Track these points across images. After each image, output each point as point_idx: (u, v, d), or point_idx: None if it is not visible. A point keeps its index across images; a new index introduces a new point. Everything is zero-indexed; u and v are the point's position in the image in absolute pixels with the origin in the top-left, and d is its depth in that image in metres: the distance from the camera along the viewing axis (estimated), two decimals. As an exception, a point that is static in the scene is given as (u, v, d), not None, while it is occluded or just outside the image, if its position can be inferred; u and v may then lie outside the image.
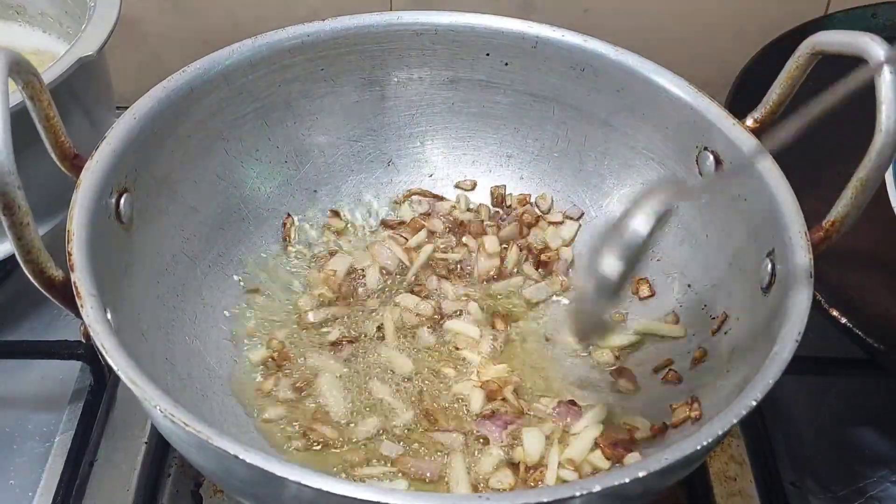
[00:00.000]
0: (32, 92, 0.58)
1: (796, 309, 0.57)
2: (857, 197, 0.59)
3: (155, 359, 0.64)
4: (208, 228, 0.74)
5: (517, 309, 0.77)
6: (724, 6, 1.01)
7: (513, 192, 0.83)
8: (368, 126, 0.82)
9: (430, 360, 0.73)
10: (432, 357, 0.73)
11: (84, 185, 0.60)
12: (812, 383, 0.81)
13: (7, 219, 0.51)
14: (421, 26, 0.78)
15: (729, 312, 0.69)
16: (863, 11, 0.88)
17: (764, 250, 0.64)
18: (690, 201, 0.68)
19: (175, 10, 1.01)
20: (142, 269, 0.66)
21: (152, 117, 0.67)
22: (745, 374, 0.59)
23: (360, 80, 0.79)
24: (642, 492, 0.53)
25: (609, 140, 0.78)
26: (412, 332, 0.75)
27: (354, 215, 0.82)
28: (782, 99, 0.67)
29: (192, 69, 0.70)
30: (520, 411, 0.69)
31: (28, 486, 0.71)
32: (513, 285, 0.79)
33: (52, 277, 0.55)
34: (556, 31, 0.76)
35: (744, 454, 0.74)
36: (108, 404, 0.75)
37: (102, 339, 0.52)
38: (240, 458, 0.47)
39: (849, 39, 0.60)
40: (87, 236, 0.58)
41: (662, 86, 0.73)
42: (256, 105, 0.76)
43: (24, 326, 0.83)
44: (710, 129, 0.70)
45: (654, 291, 0.76)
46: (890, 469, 0.75)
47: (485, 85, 0.80)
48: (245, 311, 0.75)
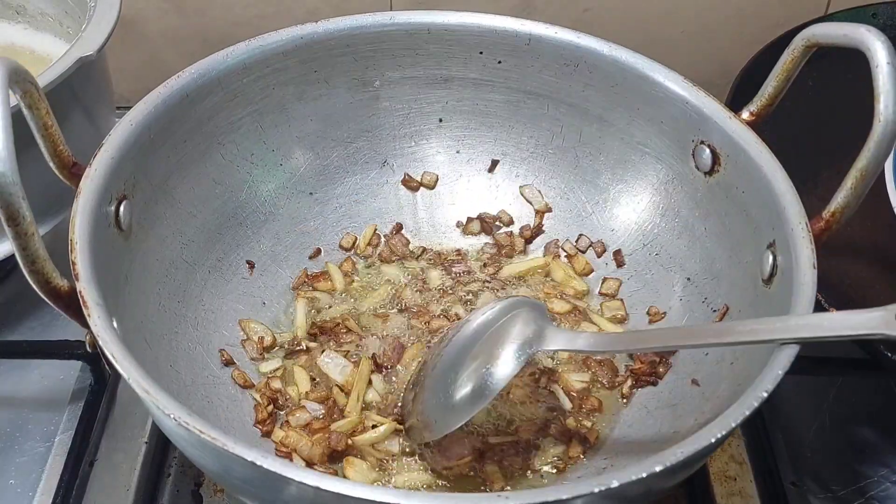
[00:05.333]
0: (31, 101, 0.58)
1: (801, 299, 0.57)
2: (857, 187, 0.60)
3: (159, 366, 0.64)
4: (206, 233, 0.74)
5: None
6: (724, 6, 1.02)
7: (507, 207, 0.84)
8: (363, 127, 0.82)
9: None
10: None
11: (84, 194, 0.60)
12: (812, 383, 0.82)
13: (11, 229, 0.51)
14: (413, 26, 0.77)
15: (730, 305, 0.69)
16: (863, 11, 0.88)
17: (764, 242, 0.65)
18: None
19: (175, 10, 1.01)
20: (142, 276, 0.66)
21: (149, 123, 0.66)
22: (749, 368, 0.59)
23: (353, 81, 0.79)
24: (644, 492, 0.53)
25: (604, 136, 0.79)
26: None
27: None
28: (778, 91, 0.68)
29: (187, 74, 0.70)
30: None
31: (28, 486, 0.71)
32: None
33: (57, 287, 0.54)
34: (550, 29, 0.76)
35: (744, 454, 0.74)
36: (108, 404, 0.75)
37: (112, 348, 0.51)
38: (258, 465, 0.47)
39: (844, 31, 0.60)
40: (89, 245, 0.57)
41: (657, 80, 0.73)
42: (251, 109, 0.75)
43: (24, 326, 0.83)
44: (706, 123, 0.70)
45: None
46: (890, 469, 0.76)
47: (478, 83, 0.80)
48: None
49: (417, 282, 0.80)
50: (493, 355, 0.63)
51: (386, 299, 0.79)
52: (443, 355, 0.67)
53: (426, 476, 0.67)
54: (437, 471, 0.67)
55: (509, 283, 0.80)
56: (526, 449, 0.68)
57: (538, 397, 0.71)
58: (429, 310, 0.78)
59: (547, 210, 0.83)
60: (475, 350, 0.65)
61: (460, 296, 0.79)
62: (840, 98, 0.76)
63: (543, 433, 0.69)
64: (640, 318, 0.77)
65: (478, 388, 0.63)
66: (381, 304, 0.78)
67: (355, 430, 0.68)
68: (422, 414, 0.66)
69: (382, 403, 0.71)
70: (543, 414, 0.71)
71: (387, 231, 0.83)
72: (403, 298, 0.79)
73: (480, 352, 0.65)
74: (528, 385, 0.72)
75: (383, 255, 0.82)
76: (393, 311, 0.78)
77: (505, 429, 0.69)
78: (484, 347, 0.65)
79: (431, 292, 0.79)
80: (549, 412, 0.71)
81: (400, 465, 0.67)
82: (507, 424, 0.70)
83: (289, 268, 0.79)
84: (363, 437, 0.67)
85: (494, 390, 0.62)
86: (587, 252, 0.81)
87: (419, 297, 0.79)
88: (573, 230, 0.82)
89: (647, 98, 0.74)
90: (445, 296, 0.79)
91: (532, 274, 0.81)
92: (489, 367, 0.63)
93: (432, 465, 0.67)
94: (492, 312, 0.67)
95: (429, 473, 0.67)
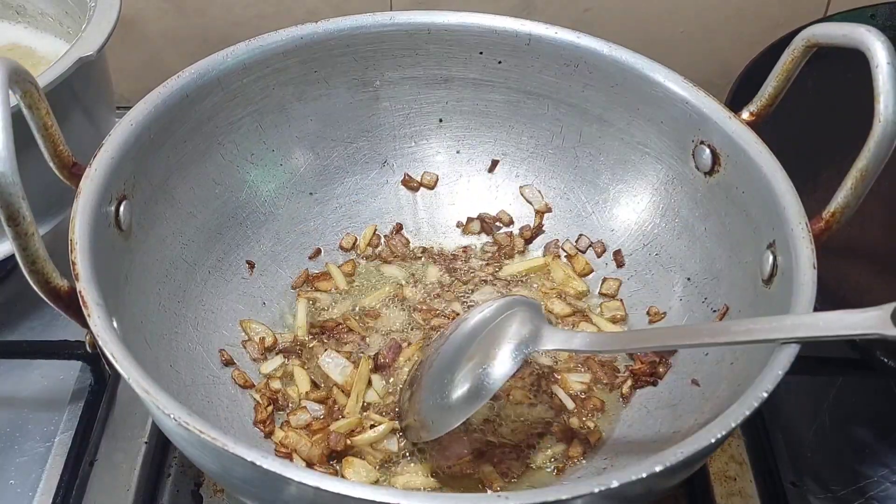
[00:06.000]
0: (31, 101, 0.58)
1: (801, 300, 0.57)
2: (857, 187, 0.60)
3: (160, 366, 0.64)
4: (206, 233, 0.74)
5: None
6: (724, 6, 1.02)
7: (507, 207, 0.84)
8: (363, 127, 0.82)
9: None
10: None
11: (84, 194, 0.60)
12: (812, 383, 0.81)
13: (11, 229, 0.51)
14: (413, 26, 0.78)
15: (730, 305, 0.69)
16: (862, 12, 0.88)
17: (764, 242, 0.65)
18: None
19: (175, 10, 1.01)
20: (142, 276, 0.66)
21: (148, 123, 0.66)
22: (749, 368, 0.59)
23: (353, 82, 0.79)
24: (644, 492, 0.53)
25: (604, 136, 0.79)
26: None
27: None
28: (778, 92, 0.68)
29: (187, 74, 0.70)
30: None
31: (28, 486, 0.71)
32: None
33: (57, 287, 0.54)
34: (550, 29, 0.76)
35: (744, 454, 0.74)
36: (108, 404, 0.75)
37: (112, 348, 0.52)
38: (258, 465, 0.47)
39: (844, 31, 0.61)
40: (89, 245, 0.57)
41: (657, 81, 0.73)
42: (251, 109, 0.75)
43: (24, 326, 0.83)
44: (706, 123, 0.70)
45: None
46: (890, 469, 0.75)
47: (478, 83, 0.80)
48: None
49: (418, 282, 0.80)
50: (490, 355, 0.63)
51: (387, 299, 0.79)
52: (439, 354, 0.68)
53: (426, 476, 0.67)
54: (437, 470, 0.67)
55: (509, 283, 0.80)
56: (526, 449, 0.68)
57: (538, 398, 0.71)
58: (430, 308, 0.77)
59: (547, 210, 0.83)
60: (471, 350, 0.65)
61: (460, 295, 0.79)
62: (840, 98, 0.76)
63: (545, 433, 0.69)
64: (639, 318, 0.77)
65: (474, 388, 0.63)
66: (381, 303, 0.78)
67: (354, 430, 0.68)
68: (419, 414, 0.66)
69: (382, 403, 0.71)
70: (545, 414, 0.71)
71: (387, 231, 0.83)
72: (404, 298, 0.79)
73: (477, 351, 0.65)
74: (529, 385, 0.72)
75: (383, 255, 0.82)
76: (394, 310, 0.78)
77: (505, 429, 0.69)
78: (480, 347, 0.65)
79: (431, 292, 0.79)
80: (551, 412, 0.71)
81: (400, 465, 0.67)
82: (507, 424, 0.70)
83: (289, 268, 0.79)
84: (362, 438, 0.67)
85: (491, 390, 0.62)
86: (587, 252, 0.81)
87: (420, 296, 0.79)
88: (573, 230, 0.82)
89: (647, 98, 0.74)
90: (445, 295, 0.79)
91: (532, 274, 0.81)
92: (485, 366, 0.63)
93: (432, 465, 0.67)
94: (488, 311, 0.67)
95: (428, 473, 0.67)
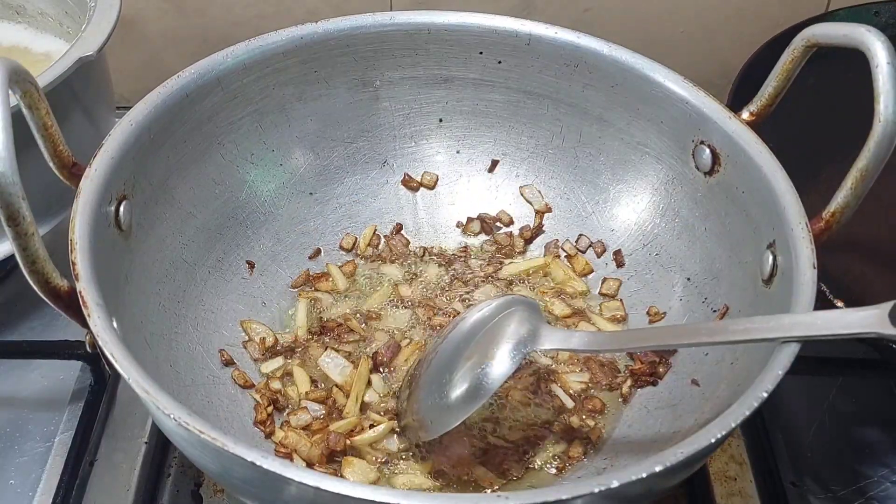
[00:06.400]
0: (31, 101, 0.58)
1: (801, 299, 0.57)
2: (857, 187, 0.60)
3: (159, 366, 0.64)
4: (206, 234, 0.74)
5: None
6: (724, 6, 1.02)
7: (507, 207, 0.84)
8: (362, 127, 0.82)
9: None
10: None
11: (84, 194, 0.60)
12: (812, 383, 0.81)
13: (11, 229, 0.51)
14: (413, 26, 0.78)
15: (730, 305, 0.69)
16: (865, 9, 0.88)
17: (764, 242, 0.65)
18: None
19: (175, 10, 1.01)
20: (142, 276, 0.66)
21: (148, 123, 0.67)
22: (749, 368, 0.59)
23: (353, 82, 0.79)
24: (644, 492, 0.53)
25: (604, 136, 0.79)
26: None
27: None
28: (778, 91, 0.68)
29: (187, 74, 0.70)
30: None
31: (28, 486, 0.71)
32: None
33: (57, 287, 0.54)
34: (550, 29, 0.76)
35: (744, 454, 0.74)
36: (108, 404, 0.75)
37: (112, 348, 0.52)
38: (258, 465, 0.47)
39: (845, 31, 0.60)
40: (89, 245, 0.57)
41: (657, 81, 0.73)
42: (251, 109, 0.75)
43: (24, 326, 0.83)
44: (705, 123, 0.70)
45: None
46: (890, 469, 0.75)
47: (478, 83, 0.81)
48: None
49: (418, 281, 0.80)
50: (488, 355, 0.63)
51: (387, 299, 0.79)
52: (437, 353, 0.68)
53: (425, 476, 0.66)
54: (437, 470, 0.67)
55: (509, 283, 0.80)
56: (526, 449, 0.68)
57: (538, 398, 0.71)
58: (430, 307, 0.77)
59: (547, 210, 0.83)
60: (470, 349, 0.65)
61: (460, 294, 0.79)
62: (840, 98, 0.76)
63: (545, 432, 0.69)
64: (639, 318, 0.77)
65: (473, 387, 0.63)
66: (382, 303, 0.78)
67: (354, 430, 0.68)
68: (417, 413, 0.66)
69: (381, 403, 0.71)
70: (544, 414, 0.71)
71: (387, 231, 0.83)
72: (404, 298, 0.79)
73: (475, 351, 0.65)
74: (528, 385, 0.72)
75: (383, 255, 0.82)
76: (395, 310, 0.78)
77: (504, 428, 0.69)
78: (478, 347, 0.65)
79: (432, 291, 0.79)
80: (551, 412, 0.71)
81: (399, 465, 0.67)
82: (506, 424, 0.70)
83: (289, 268, 0.79)
84: (362, 438, 0.67)
85: (490, 390, 0.62)
86: (587, 252, 0.81)
87: (420, 296, 0.79)
88: (573, 230, 0.82)
89: (647, 98, 0.74)
90: (445, 295, 0.79)
91: (532, 274, 0.81)
92: (484, 366, 0.63)
93: (431, 465, 0.67)
94: (487, 310, 0.67)
95: (428, 473, 0.67)
